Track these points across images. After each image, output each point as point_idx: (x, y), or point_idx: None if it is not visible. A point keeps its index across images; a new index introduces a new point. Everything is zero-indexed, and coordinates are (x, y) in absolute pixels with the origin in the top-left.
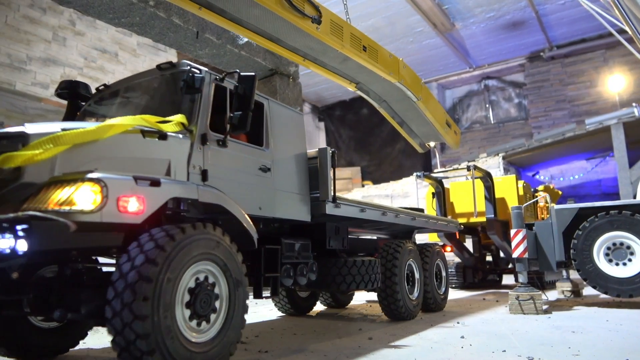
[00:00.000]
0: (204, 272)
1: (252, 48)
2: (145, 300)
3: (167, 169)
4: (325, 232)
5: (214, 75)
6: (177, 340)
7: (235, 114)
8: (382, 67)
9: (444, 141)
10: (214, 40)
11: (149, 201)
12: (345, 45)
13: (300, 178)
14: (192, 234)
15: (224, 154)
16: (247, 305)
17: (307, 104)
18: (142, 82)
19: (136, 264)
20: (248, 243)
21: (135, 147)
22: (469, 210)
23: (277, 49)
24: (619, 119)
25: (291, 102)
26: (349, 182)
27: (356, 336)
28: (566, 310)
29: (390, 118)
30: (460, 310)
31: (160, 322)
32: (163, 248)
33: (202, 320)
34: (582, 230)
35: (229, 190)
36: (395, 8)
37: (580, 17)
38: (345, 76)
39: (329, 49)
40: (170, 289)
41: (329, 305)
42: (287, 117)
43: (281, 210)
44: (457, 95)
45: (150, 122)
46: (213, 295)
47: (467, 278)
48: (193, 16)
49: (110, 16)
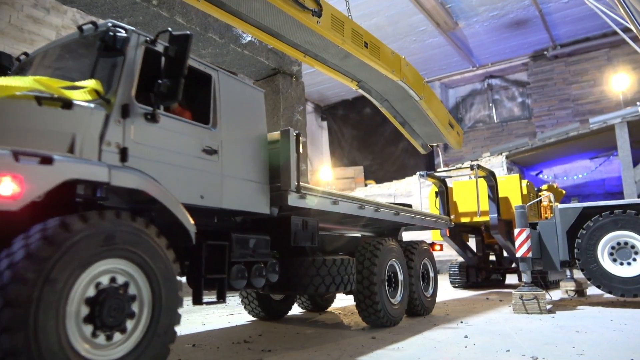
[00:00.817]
0: (110, 274)
1: (254, 47)
2: (15, 307)
3: (71, 145)
4: (290, 227)
5: (144, 37)
6: None
7: (164, 80)
8: (384, 65)
9: (446, 142)
10: (216, 39)
11: (31, 183)
12: (346, 41)
13: (257, 163)
14: (82, 228)
15: (153, 130)
16: (177, 314)
17: (310, 103)
18: (63, 47)
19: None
20: (185, 238)
21: (27, 117)
22: (473, 210)
23: (278, 45)
24: (623, 118)
25: (294, 101)
26: (352, 181)
27: (359, 336)
28: (570, 309)
29: (392, 118)
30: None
31: (39, 341)
32: (39, 249)
33: (113, 332)
34: (586, 229)
35: (160, 174)
36: (397, 7)
37: (584, 16)
38: (347, 74)
39: (329, 45)
40: (55, 300)
41: (307, 308)
42: (242, 93)
43: (230, 201)
44: (460, 95)
45: (48, 86)
46: (126, 299)
47: (471, 277)
48: (196, 15)
49: (114, 15)
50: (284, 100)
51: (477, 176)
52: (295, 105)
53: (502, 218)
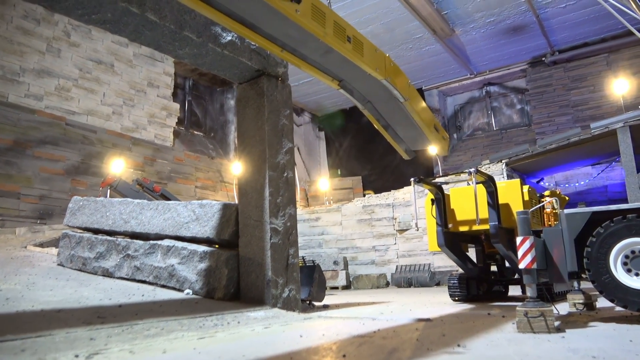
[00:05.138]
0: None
1: (236, 47)
2: None
3: None
4: None
5: None
6: None
7: None
8: (368, 62)
9: (431, 147)
10: (193, 38)
11: None
12: (328, 33)
13: None
14: None
15: None
16: None
17: (307, 113)
18: None
19: None
20: None
21: None
22: (471, 218)
23: (252, 37)
24: (625, 122)
25: (280, 104)
26: (350, 191)
27: None
28: (581, 327)
29: (374, 121)
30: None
31: None
32: None
33: None
34: (596, 236)
35: None
36: (394, 14)
37: (582, 21)
38: (328, 72)
39: (309, 38)
40: None
41: None
42: None
43: None
44: (458, 102)
45: None
46: None
47: (471, 290)
48: (170, 12)
49: (80, 12)
50: (269, 103)
51: (475, 182)
52: (281, 109)
53: (503, 226)
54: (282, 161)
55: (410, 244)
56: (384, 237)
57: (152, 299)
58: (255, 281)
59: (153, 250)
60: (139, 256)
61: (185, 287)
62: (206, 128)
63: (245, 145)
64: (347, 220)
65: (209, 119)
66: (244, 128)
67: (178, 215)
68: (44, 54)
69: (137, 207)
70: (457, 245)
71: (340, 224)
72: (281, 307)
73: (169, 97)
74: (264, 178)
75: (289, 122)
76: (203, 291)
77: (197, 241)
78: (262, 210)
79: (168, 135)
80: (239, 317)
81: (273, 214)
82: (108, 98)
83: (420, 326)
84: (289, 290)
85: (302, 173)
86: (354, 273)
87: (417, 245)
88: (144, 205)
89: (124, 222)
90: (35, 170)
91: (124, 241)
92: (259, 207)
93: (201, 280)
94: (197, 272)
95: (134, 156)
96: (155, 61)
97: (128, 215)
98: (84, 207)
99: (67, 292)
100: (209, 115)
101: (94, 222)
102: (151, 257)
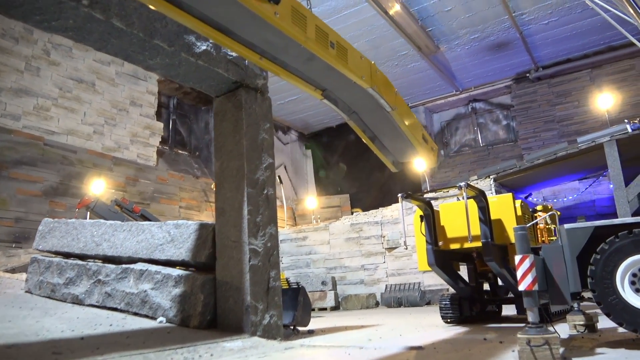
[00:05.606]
0: None
1: (211, 57)
2: None
3: None
4: None
5: None
6: None
7: None
8: (353, 70)
9: (419, 159)
10: (165, 47)
11: None
12: (310, 38)
13: None
14: None
15: None
16: None
17: (294, 131)
18: None
19: None
20: None
21: None
22: (463, 235)
23: (228, 43)
24: (612, 136)
25: (259, 118)
26: (338, 209)
27: None
28: (588, 355)
29: (360, 132)
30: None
31: None
32: None
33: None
34: (600, 253)
35: None
36: (378, 31)
37: (564, 37)
38: (310, 80)
39: (290, 45)
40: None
41: None
42: None
43: None
44: (445, 119)
45: None
46: None
47: (464, 311)
48: (138, 19)
49: (38, 18)
50: (247, 116)
51: (466, 196)
52: (260, 123)
53: (496, 243)
54: (262, 177)
55: (400, 262)
56: (372, 255)
57: (121, 329)
58: (233, 307)
59: (125, 274)
60: (110, 281)
61: (158, 315)
62: (191, 147)
63: (222, 160)
64: (335, 239)
65: (194, 138)
66: (220, 143)
67: (152, 236)
68: (22, 73)
69: (109, 228)
70: (448, 264)
71: (328, 242)
72: (261, 335)
73: (152, 116)
74: (242, 195)
75: (269, 137)
76: (177, 319)
77: (172, 264)
78: (240, 230)
79: (151, 154)
80: (213, 348)
81: (252, 233)
82: (89, 117)
83: (412, 356)
84: (269, 316)
85: (289, 192)
86: (342, 293)
87: (407, 263)
88: (117, 226)
89: (95, 245)
90: (12, 192)
91: (95, 265)
92: (237, 226)
93: (175, 307)
94: (171, 298)
95: (116, 176)
96: (139, 80)
97: (100, 238)
98: (54, 229)
99: (27, 324)
100: (194, 134)
101: (64, 246)
102: (123, 283)
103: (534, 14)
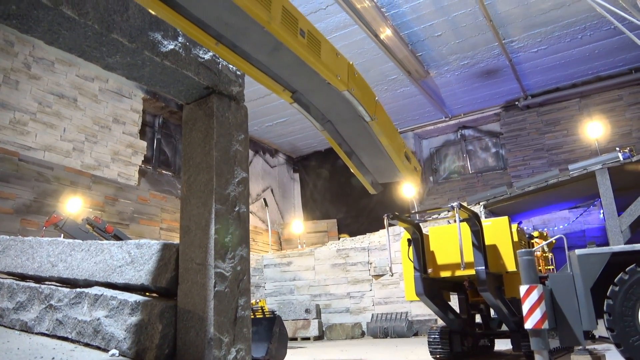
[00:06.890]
0: None
1: (179, 58)
2: None
3: None
4: None
5: None
6: None
7: None
8: (326, 66)
9: (401, 179)
10: (125, 43)
11: None
12: (274, 18)
13: None
14: None
15: None
16: None
17: (282, 155)
18: None
19: None
20: None
21: None
22: (454, 261)
23: (177, 20)
24: (604, 164)
25: (233, 127)
26: (325, 235)
27: None
28: None
29: (336, 145)
30: None
31: None
32: None
33: None
34: (619, 284)
35: None
36: (368, 55)
37: (553, 66)
38: (277, 78)
39: (250, 27)
40: None
41: None
42: None
43: None
44: (434, 145)
45: None
46: None
47: (455, 346)
48: (94, 9)
49: None
50: (219, 125)
51: (459, 219)
52: (234, 133)
53: (491, 271)
54: (234, 193)
55: (387, 291)
56: (359, 282)
57: None
58: (194, 340)
59: (79, 299)
60: (62, 307)
61: (111, 347)
62: (175, 167)
63: (190, 174)
64: (320, 265)
65: (179, 158)
66: (189, 154)
67: (111, 257)
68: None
69: (67, 247)
70: (438, 293)
71: (313, 268)
72: None
73: (135, 135)
74: (209, 212)
75: (244, 149)
76: (131, 352)
77: (130, 289)
78: (206, 251)
79: (133, 173)
80: None
81: (219, 255)
82: (69, 134)
83: None
84: (236, 350)
85: (275, 215)
86: (327, 322)
87: (394, 291)
88: (75, 245)
89: (51, 266)
90: None
91: (48, 289)
92: (202, 247)
93: (130, 338)
94: (126, 328)
95: (94, 195)
96: (123, 97)
97: (56, 258)
98: (9, 247)
99: None
100: (179, 154)
101: (18, 266)
102: (76, 309)
103: (524, 42)
